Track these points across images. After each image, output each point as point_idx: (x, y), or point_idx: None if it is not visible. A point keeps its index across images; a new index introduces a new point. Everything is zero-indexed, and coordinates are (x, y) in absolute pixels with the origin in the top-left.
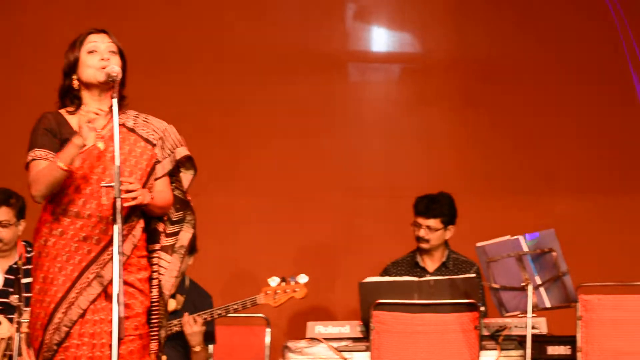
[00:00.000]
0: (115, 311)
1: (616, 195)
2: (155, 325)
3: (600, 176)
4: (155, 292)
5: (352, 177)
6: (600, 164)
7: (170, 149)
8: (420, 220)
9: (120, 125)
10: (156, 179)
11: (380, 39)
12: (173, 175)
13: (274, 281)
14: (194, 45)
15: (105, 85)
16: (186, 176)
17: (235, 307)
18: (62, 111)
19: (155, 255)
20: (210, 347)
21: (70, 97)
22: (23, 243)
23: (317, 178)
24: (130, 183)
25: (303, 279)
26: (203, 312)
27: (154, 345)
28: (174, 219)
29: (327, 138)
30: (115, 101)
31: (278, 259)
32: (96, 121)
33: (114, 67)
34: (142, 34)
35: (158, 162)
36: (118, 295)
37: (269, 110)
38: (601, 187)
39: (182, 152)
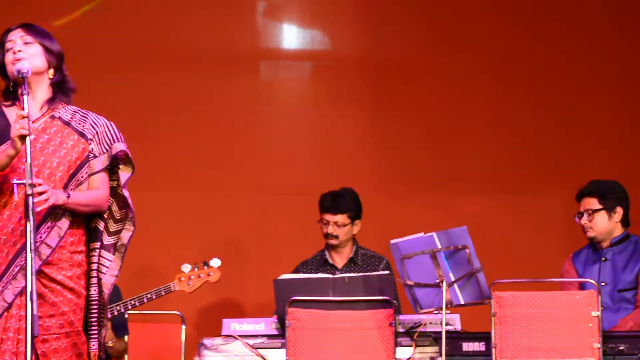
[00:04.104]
0: (29, 308)
1: (525, 194)
2: (95, 324)
3: (510, 175)
4: (93, 290)
5: (262, 175)
6: (510, 163)
7: (108, 144)
8: (328, 217)
9: (56, 118)
10: (92, 174)
11: (291, 36)
12: (113, 172)
13: (186, 267)
14: (107, 44)
15: (24, 80)
16: (124, 173)
17: (149, 295)
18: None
19: (95, 253)
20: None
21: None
22: None
23: (228, 175)
24: (39, 185)
25: (216, 262)
26: (115, 304)
27: (93, 344)
28: (117, 217)
29: (238, 135)
30: (25, 98)
31: (189, 257)
32: (23, 119)
33: (24, 63)
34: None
35: (94, 157)
36: (31, 292)
37: (180, 108)
38: (511, 186)
39: (119, 147)
